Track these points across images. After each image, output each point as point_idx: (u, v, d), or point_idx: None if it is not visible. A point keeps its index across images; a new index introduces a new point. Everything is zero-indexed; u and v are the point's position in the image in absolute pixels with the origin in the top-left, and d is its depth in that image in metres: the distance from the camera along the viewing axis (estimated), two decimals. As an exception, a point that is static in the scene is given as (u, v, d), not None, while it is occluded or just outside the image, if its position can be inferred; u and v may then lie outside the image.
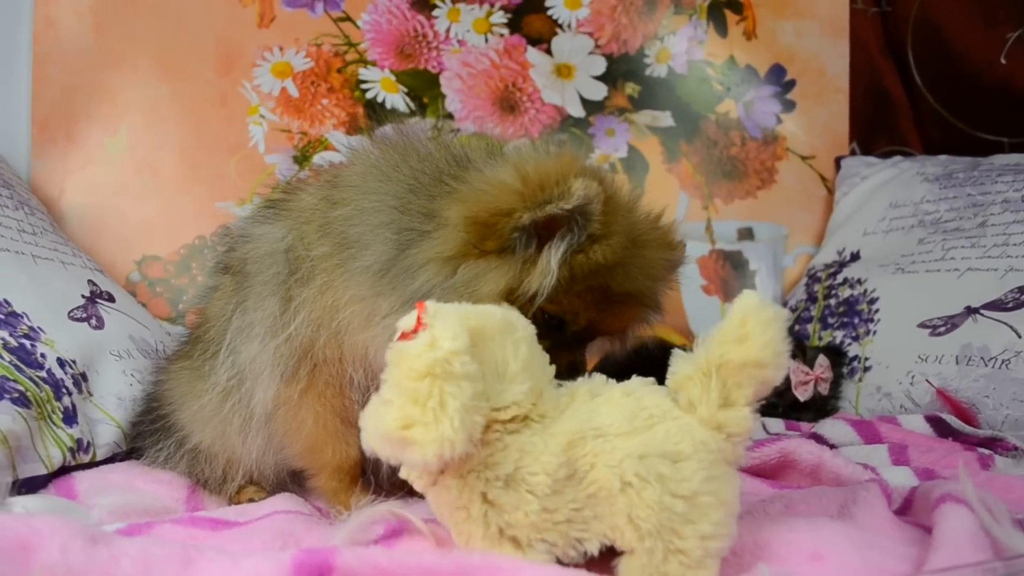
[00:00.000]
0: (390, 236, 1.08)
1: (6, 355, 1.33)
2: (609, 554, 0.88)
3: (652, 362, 1.96)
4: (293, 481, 1.34)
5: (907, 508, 1.12)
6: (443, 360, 0.82)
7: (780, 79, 2.51)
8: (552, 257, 1.02)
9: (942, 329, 1.82)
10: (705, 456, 0.85)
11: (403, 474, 0.90)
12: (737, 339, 0.85)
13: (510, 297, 1.03)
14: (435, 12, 2.40)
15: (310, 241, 1.15)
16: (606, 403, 0.91)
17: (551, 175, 1.02)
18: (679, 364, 0.90)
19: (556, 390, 0.94)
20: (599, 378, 0.96)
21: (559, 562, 0.88)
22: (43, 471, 1.27)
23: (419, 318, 0.86)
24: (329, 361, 1.17)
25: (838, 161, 2.50)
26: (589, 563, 0.88)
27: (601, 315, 1.09)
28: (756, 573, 0.85)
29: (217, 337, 1.24)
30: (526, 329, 0.93)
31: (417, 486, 0.91)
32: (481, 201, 1.04)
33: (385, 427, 0.82)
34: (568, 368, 1.06)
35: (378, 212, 1.11)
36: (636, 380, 0.94)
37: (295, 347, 1.16)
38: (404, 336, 0.86)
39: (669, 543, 0.82)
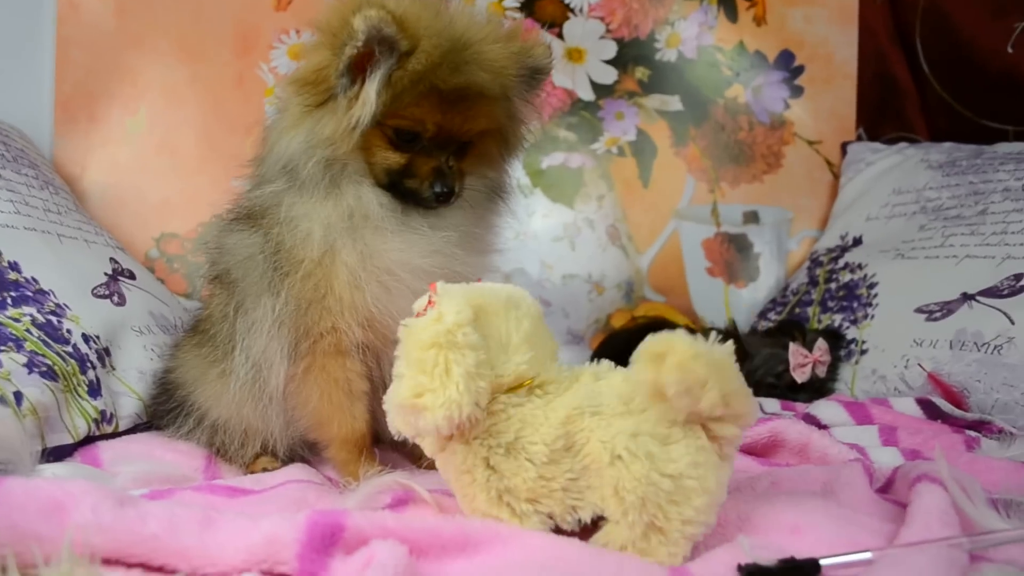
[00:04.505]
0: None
1: (35, 331, 1.40)
2: (601, 522, 0.94)
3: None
4: (308, 451, 1.41)
5: (889, 487, 1.17)
6: (447, 331, 0.90)
7: (789, 65, 2.54)
8: (370, 88, 1.15)
9: (938, 314, 1.86)
10: (694, 442, 0.90)
11: (417, 440, 0.98)
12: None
13: (351, 132, 1.18)
14: (449, -4, 2.44)
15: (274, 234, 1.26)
16: (607, 386, 0.97)
17: (339, 18, 1.16)
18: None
19: (561, 369, 1.02)
20: (605, 364, 1.03)
21: (557, 530, 0.95)
22: (69, 440, 1.34)
23: (430, 298, 0.95)
24: (325, 332, 1.25)
25: (844, 146, 2.53)
26: (583, 530, 0.94)
27: (444, 115, 1.18)
28: (736, 543, 0.91)
29: (226, 336, 1.32)
30: (531, 307, 1.01)
31: (428, 452, 0.99)
32: (302, 65, 1.22)
33: (400, 398, 0.91)
34: (433, 174, 1.21)
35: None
36: None
37: (293, 329, 1.25)
38: (418, 316, 0.94)
39: (653, 519, 0.88)
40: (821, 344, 1.92)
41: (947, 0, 2.43)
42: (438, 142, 1.21)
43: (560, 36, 2.47)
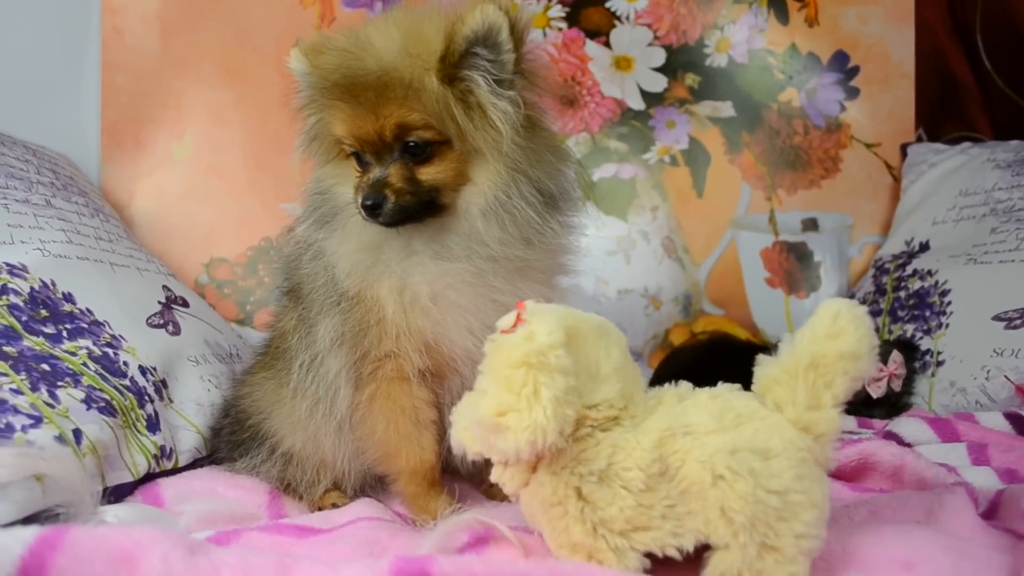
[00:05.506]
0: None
1: (92, 364, 1.36)
2: (705, 550, 0.88)
3: (719, 357, 1.96)
4: (377, 486, 1.36)
5: (993, 512, 1.10)
6: (538, 351, 0.85)
7: (843, 66, 2.46)
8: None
9: (1018, 322, 1.78)
10: (794, 455, 0.87)
11: (495, 477, 0.93)
12: (830, 335, 0.88)
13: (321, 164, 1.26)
14: (493, 8, 2.39)
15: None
16: (694, 405, 0.93)
17: None
18: (764, 367, 0.93)
19: (645, 395, 0.97)
20: (685, 385, 0.98)
21: (658, 560, 0.89)
22: (129, 479, 1.30)
23: (519, 315, 0.90)
24: (384, 356, 1.21)
25: (904, 148, 2.44)
26: (686, 560, 0.89)
27: (351, 118, 1.14)
28: (849, 582, 0.85)
29: (297, 352, 1.29)
30: (620, 338, 0.96)
31: (509, 488, 0.93)
32: None
33: (480, 413, 0.85)
34: (360, 188, 1.15)
35: None
36: (722, 386, 0.96)
37: (352, 350, 1.21)
38: (504, 333, 0.89)
39: (764, 538, 0.84)
40: (896, 356, 1.84)
41: (1009, -8, 2.35)
42: (374, 152, 1.15)
43: (607, 45, 2.41)
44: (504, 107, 1.13)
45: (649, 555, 0.89)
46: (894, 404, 1.84)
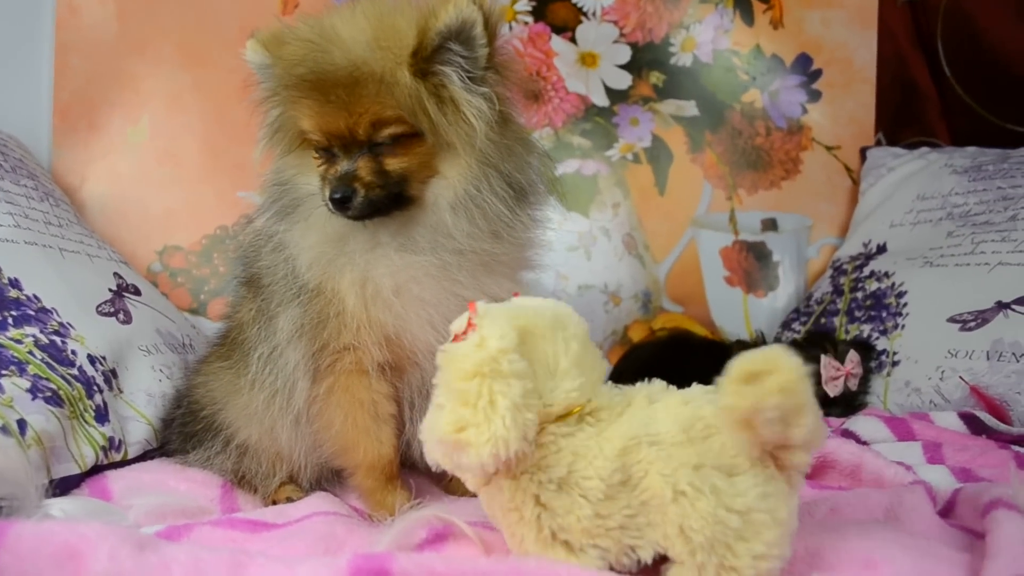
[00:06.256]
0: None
1: (38, 353, 1.32)
2: (663, 562, 0.87)
3: (677, 354, 1.96)
4: (333, 480, 1.34)
5: (950, 510, 1.11)
6: (491, 359, 0.82)
7: (806, 68, 2.48)
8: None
9: (972, 324, 1.80)
10: (761, 471, 0.83)
11: (458, 474, 0.90)
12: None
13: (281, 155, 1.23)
14: (459, -1, 2.37)
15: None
16: (663, 410, 0.90)
17: None
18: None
19: (612, 392, 0.93)
20: (658, 384, 0.95)
21: (612, 568, 0.87)
22: (76, 471, 1.26)
23: (469, 320, 0.87)
24: (343, 349, 1.19)
25: (863, 152, 2.47)
26: (643, 570, 0.87)
27: (319, 112, 1.11)
28: (812, 582, 0.84)
29: (255, 343, 1.27)
30: (578, 327, 0.93)
31: (469, 485, 0.91)
32: None
33: (439, 432, 0.83)
34: (328, 181, 1.12)
35: None
36: (696, 388, 0.93)
37: (310, 341, 1.19)
38: (456, 339, 0.86)
39: (722, 558, 0.81)
40: (853, 356, 1.86)
41: (970, 2, 2.37)
42: (342, 146, 1.12)
43: (573, 40, 2.40)
44: (478, 103, 1.11)
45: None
46: (850, 403, 1.86)
